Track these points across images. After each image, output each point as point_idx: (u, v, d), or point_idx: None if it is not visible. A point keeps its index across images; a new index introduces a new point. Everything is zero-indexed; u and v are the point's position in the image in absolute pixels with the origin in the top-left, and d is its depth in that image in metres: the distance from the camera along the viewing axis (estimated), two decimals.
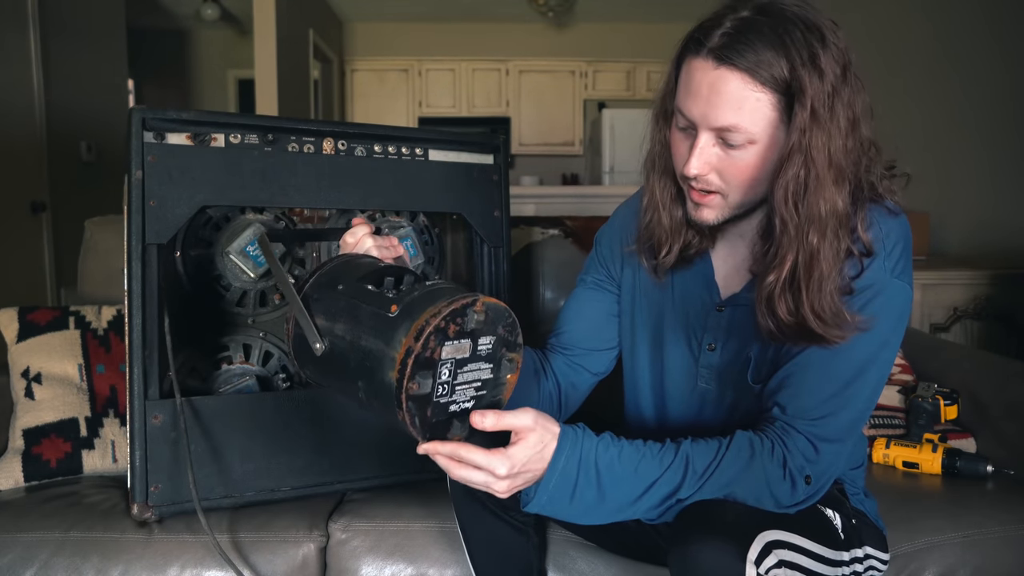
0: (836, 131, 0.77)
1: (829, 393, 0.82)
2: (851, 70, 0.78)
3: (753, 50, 0.75)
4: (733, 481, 0.79)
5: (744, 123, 0.77)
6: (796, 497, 0.81)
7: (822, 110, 0.75)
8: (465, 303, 0.73)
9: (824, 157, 0.76)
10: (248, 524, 1.15)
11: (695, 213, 0.86)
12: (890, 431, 1.43)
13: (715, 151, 0.80)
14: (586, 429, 0.80)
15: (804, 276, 0.79)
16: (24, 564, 1.09)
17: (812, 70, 0.75)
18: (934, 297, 2.27)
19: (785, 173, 0.78)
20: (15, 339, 1.38)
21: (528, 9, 5.76)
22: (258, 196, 1.23)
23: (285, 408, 1.23)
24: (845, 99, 0.77)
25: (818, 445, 0.81)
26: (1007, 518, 1.17)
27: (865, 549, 0.93)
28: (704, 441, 0.82)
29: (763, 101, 0.76)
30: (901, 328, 0.85)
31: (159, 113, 1.16)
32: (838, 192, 0.78)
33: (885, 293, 0.82)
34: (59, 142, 3.14)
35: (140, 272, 1.14)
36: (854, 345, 0.81)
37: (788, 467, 0.80)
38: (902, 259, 0.84)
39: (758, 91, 0.76)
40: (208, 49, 6.55)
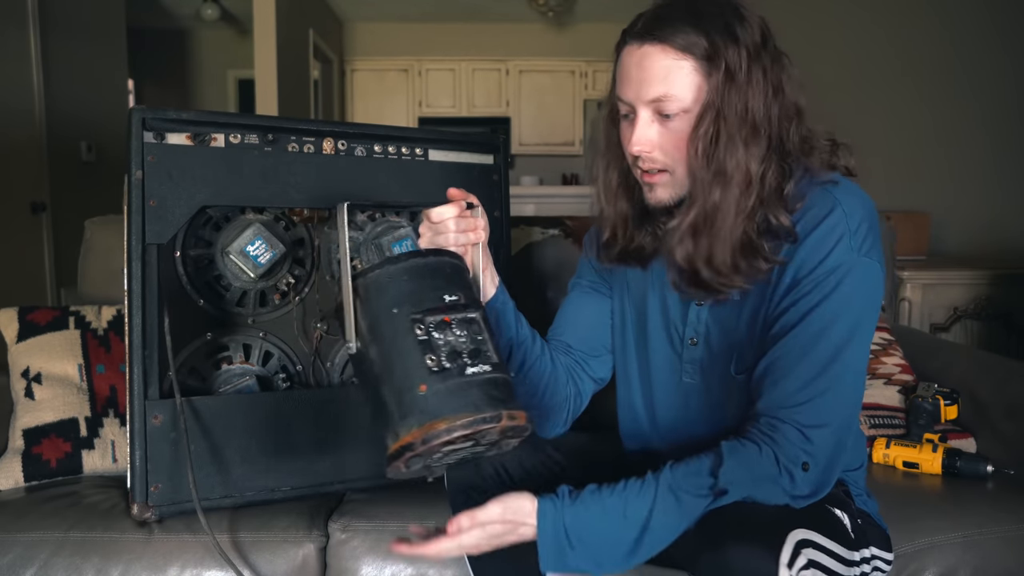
0: (753, 94, 0.82)
1: (809, 377, 0.82)
2: (771, 42, 0.84)
3: (671, 25, 0.82)
4: (742, 487, 0.79)
5: (673, 91, 0.82)
6: (799, 488, 0.80)
7: (738, 73, 0.81)
8: (485, 427, 0.72)
9: (736, 116, 0.81)
10: (248, 524, 1.15)
11: (650, 195, 0.90)
12: (890, 431, 1.43)
13: (655, 127, 0.85)
14: (564, 495, 0.80)
15: (704, 226, 0.84)
16: (24, 564, 1.09)
17: (727, 38, 0.81)
18: (934, 297, 2.27)
19: (698, 129, 0.83)
20: (15, 339, 1.38)
21: (528, 9, 5.77)
22: (258, 196, 1.23)
23: (285, 408, 1.23)
24: (764, 65, 0.83)
25: (808, 432, 0.81)
26: (1007, 518, 1.17)
27: (871, 550, 0.93)
28: (685, 463, 0.81)
29: (686, 68, 0.82)
30: (875, 306, 0.86)
31: (159, 113, 1.16)
32: (748, 151, 0.82)
33: (853, 273, 0.82)
34: (59, 142, 3.14)
35: (140, 272, 1.14)
36: (829, 327, 0.82)
37: (780, 461, 0.80)
38: (868, 236, 0.84)
39: (680, 59, 0.82)
40: (208, 49, 6.55)
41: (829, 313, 0.82)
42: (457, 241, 0.90)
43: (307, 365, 1.35)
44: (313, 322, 1.36)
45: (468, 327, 0.77)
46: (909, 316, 2.26)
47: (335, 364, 1.37)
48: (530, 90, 6.54)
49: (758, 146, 0.83)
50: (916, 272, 2.26)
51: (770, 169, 0.84)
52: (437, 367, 0.73)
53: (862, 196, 0.87)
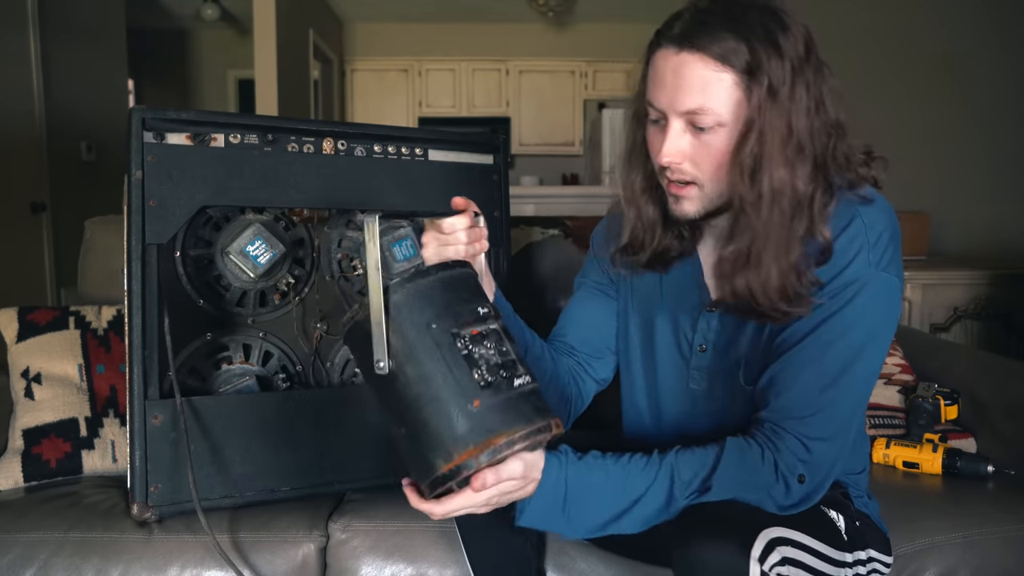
0: (797, 110, 0.78)
1: (817, 389, 0.81)
2: (814, 54, 0.80)
3: (711, 33, 0.77)
4: (728, 488, 0.79)
5: (710, 104, 0.78)
6: (791, 498, 0.80)
7: (782, 88, 0.77)
8: (540, 438, 0.73)
9: (779, 135, 0.78)
10: (248, 524, 1.15)
11: (675, 207, 0.87)
12: (890, 431, 1.43)
13: (687, 138, 0.82)
14: (569, 453, 0.81)
15: (758, 251, 0.81)
16: (24, 564, 1.09)
17: (771, 50, 0.77)
18: (934, 297, 2.27)
19: (741, 149, 0.79)
20: (15, 339, 1.38)
21: (528, 9, 5.76)
22: (258, 196, 1.23)
23: (285, 408, 1.23)
24: (808, 80, 0.79)
25: (809, 444, 0.80)
26: (1007, 518, 1.17)
27: (868, 552, 0.93)
28: (691, 451, 0.81)
29: (726, 81, 0.78)
30: (891, 321, 0.84)
31: (159, 113, 1.16)
32: (793, 171, 0.79)
33: (870, 286, 0.81)
34: (59, 142, 3.14)
35: (140, 272, 1.14)
36: (839, 340, 0.81)
37: (779, 469, 0.80)
38: (888, 249, 0.83)
39: (720, 71, 0.78)
40: (208, 49, 6.55)
41: (840, 326, 0.81)
42: (467, 251, 0.89)
43: (307, 365, 1.35)
44: (313, 322, 1.36)
45: (496, 338, 0.77)
46: (909, 316, 2.26)
47: (335, 364, 1.37)
48: (530, 90, 6.54)
49: (804, 165, 0.80)
50: (916, 272, 2.26)
51: (818, 189, 0.81)
52: (483, 382, 0.73)
53: (885, 208, 0.85)
